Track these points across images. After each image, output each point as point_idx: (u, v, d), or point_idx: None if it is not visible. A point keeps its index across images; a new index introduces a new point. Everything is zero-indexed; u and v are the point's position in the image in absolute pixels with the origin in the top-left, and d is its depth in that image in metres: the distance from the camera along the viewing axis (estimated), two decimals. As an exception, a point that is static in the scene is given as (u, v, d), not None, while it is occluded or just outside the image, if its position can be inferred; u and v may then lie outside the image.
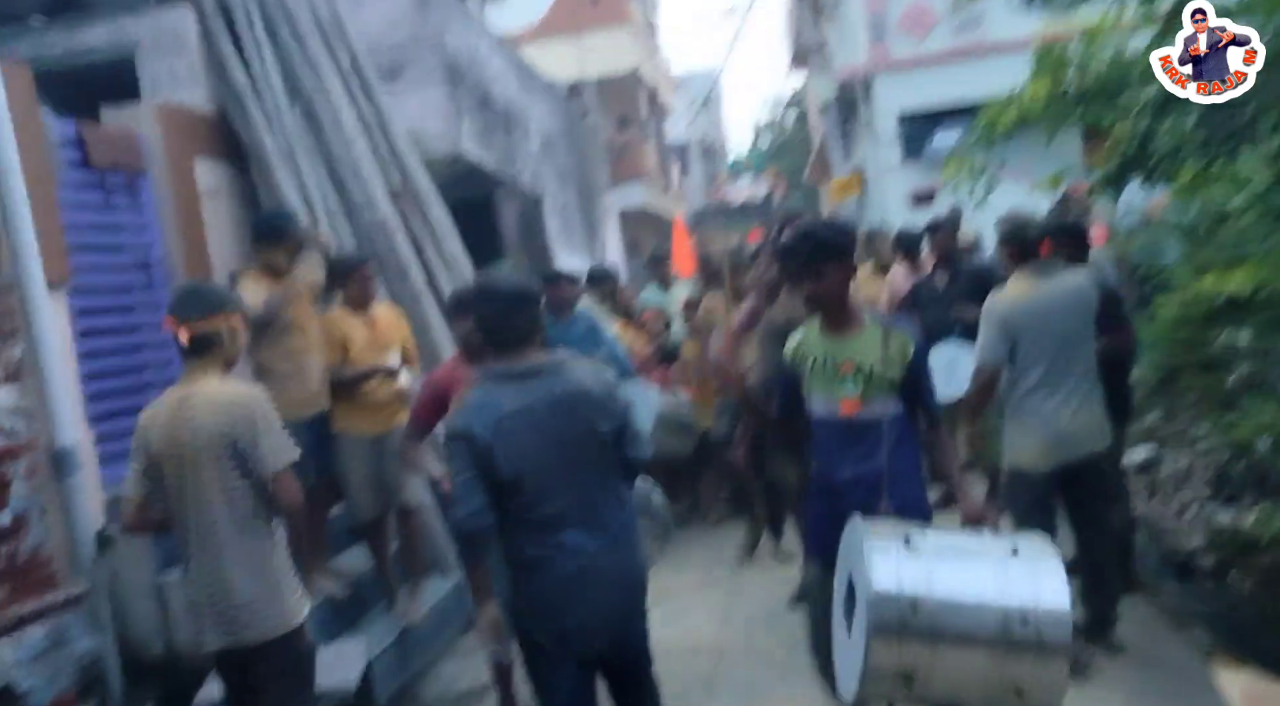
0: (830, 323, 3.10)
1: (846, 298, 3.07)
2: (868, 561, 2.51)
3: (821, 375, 3.09)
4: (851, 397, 3.04)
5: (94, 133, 4.78)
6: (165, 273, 5.11)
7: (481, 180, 9.24)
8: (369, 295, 4.73)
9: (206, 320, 3.01)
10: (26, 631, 3.71)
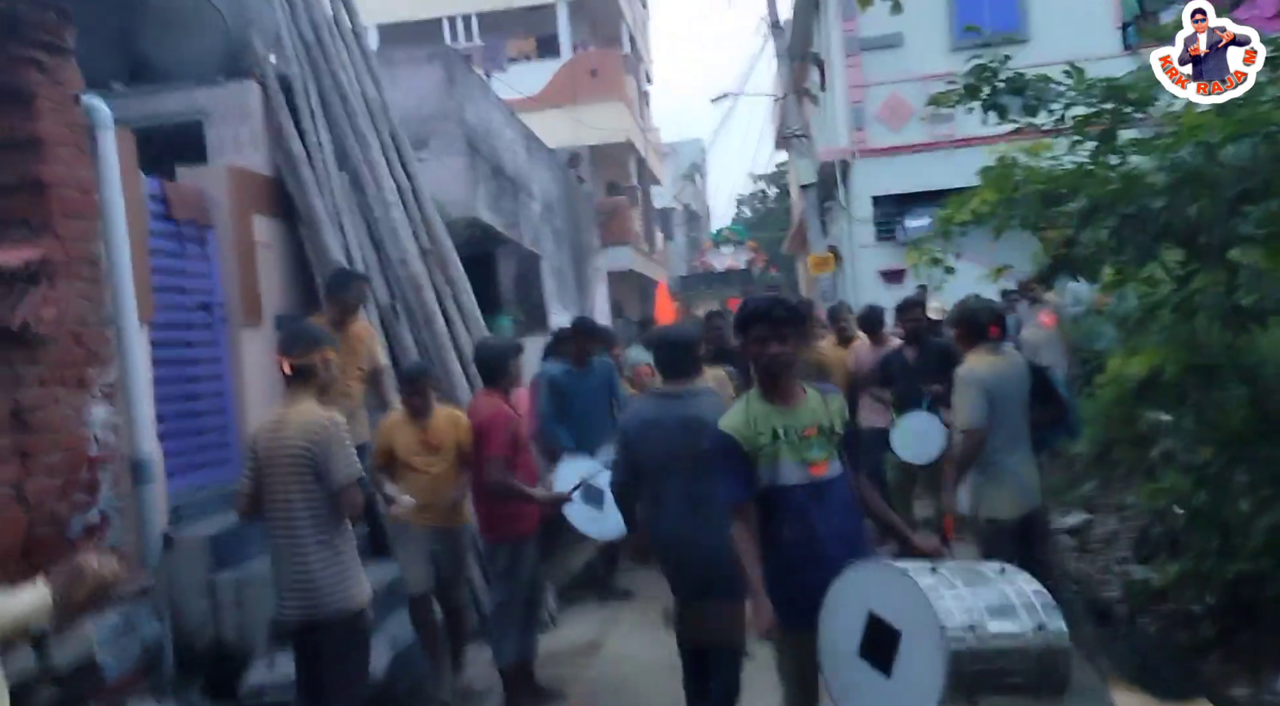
0: (778, 393, 3.20)
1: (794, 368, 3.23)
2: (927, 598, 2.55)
3: (788, 444, 3.14)
4: (819, 460, 3.16)
5: (174, 190, 5.49)
6: (223, 313, 5.79)
7: (486, 239, 9.99)
8: (426, 406, 4.88)
9: (306, 355, 3.69)
10: (105, 616, 4.31)
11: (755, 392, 3.24)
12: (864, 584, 2.78)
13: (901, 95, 15.61)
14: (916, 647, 2.57)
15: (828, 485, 3.17)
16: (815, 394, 3.26)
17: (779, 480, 3.15)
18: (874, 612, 2.69)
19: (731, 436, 3.17)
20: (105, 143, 4.59)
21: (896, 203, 15.46)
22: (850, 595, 2.79)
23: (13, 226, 4.23)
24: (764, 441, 3.15)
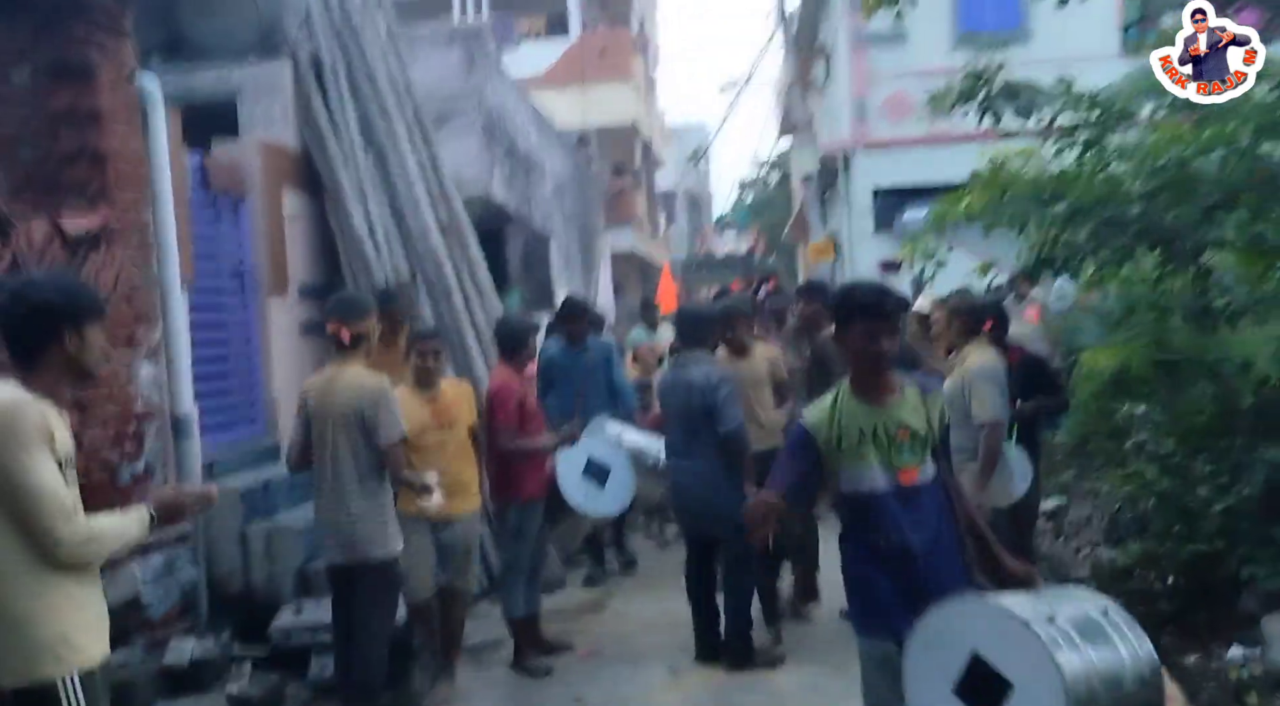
0: (872, 389, 2.94)
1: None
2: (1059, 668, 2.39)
3: (875, 445, 2.90)
4: (911, 466, 2.92)
5: (212, 163, 5.80)
6: (253, 280, 6.12)
7: (495, 216, 10.30)
8: (434, 374, 4.65)
9: (362, 322, 4.02)
10: (150, 557, 4.67)
11: (847, 387, 2.98)
12: (972, 621, 2.60)
13: (904, 90, 15.90)
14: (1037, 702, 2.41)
15: (918, 492, 2.93)
16: (914, 391, 2.99)
17: (865, 485, 2.91)
18: (980, 655, 2.53)
19: (807, 431, 2.96)
20: (156, 118, 4.90)
21: (896, 195, 15.75)
22: (953, 628, 2.61)
23: (72, 193, 4.56)
24: (849, 442, 2.90)
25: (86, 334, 2.34)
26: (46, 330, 2.29)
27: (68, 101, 4.53)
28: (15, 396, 2.24)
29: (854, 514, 2.98)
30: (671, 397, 4.95)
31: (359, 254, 6.43)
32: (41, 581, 2.22)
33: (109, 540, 2.32)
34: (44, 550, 2.21)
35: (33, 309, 2.29)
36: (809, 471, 2.98)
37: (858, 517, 2.97)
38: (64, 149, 4.56)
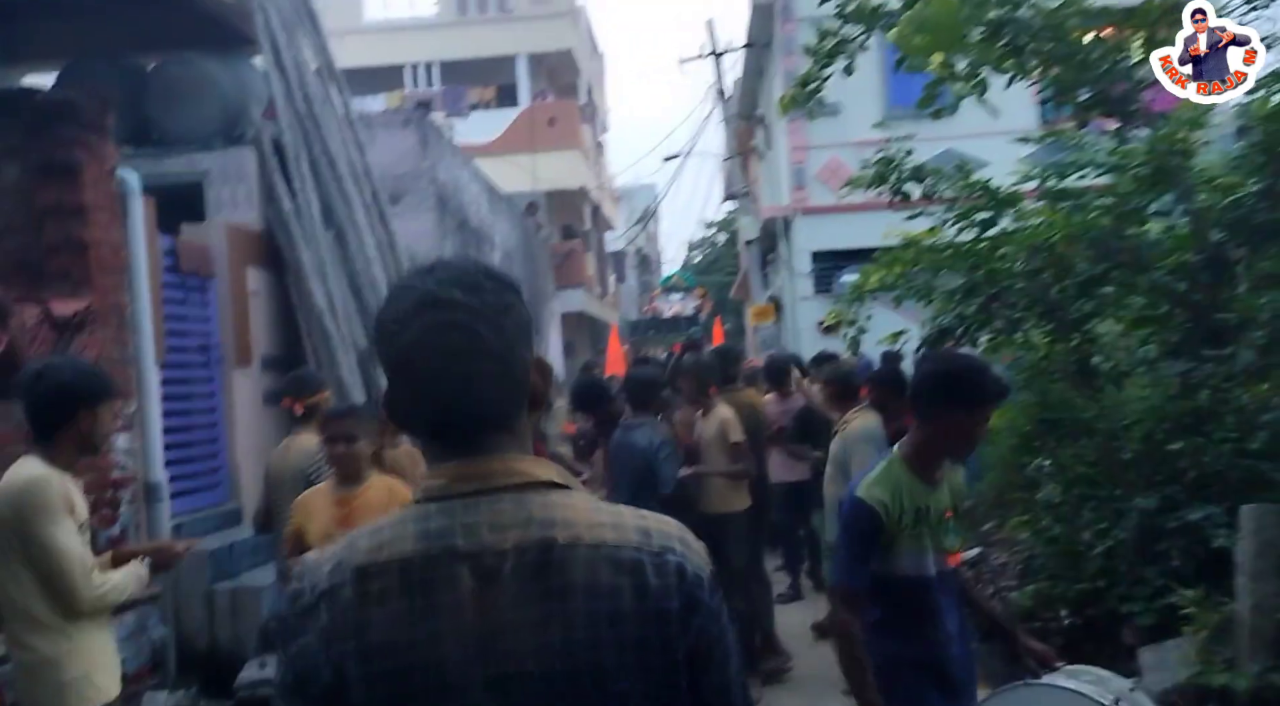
0: (933, 469, 2.72)
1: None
2: None
3: (928, 527, 2.68)
4: (956, 549, 2.78)
5: (182, 245, 6.23)
6: (218, 354, 6.52)
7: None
8: (351, 463, 3.70)
9: (313, 397, 4.46)
10: (123, 617, 5.00)
11: (899, 460, 2.72)
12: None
13: (840, 158, 16.76)
14: None
15: (954, 575, 2.79)
16: (953, 470, 2.83)
17: (918, 570, 2.67)
18: None
19: (874, 509, 2.63)
20: (134, 208, 5.34)
21: (835, 258, 16.54)
22: None
23: (57, 279, 4.96)
24: (908, 522, 2.65)
25: (99, 413, 2.77)
26: (65, 409, 2.72)
27: (54, 197, 4.96)
28: (41, 472, 2.66)
29: (901, 601, 2.67)
30: (617, 460, 5.24)
31: (319, 327, 6.86)
32: (66, 630, 2.63)
33: (118, 593, 2.74)
34: (69, 604, 2.62)
35: (54, 390, 2.72)
36: (875, 554, 2.65)
37: (905, 605, 2.67)
38: (50, 240, 4.97)
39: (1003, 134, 7.63)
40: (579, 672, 1.14)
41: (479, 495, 1.19)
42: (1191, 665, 4.32)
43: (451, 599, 1.14)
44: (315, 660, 1.15)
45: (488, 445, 1.22)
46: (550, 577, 1.15)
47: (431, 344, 1.20)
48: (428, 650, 1.13)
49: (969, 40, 4.85)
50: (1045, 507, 6.14)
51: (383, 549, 1.17)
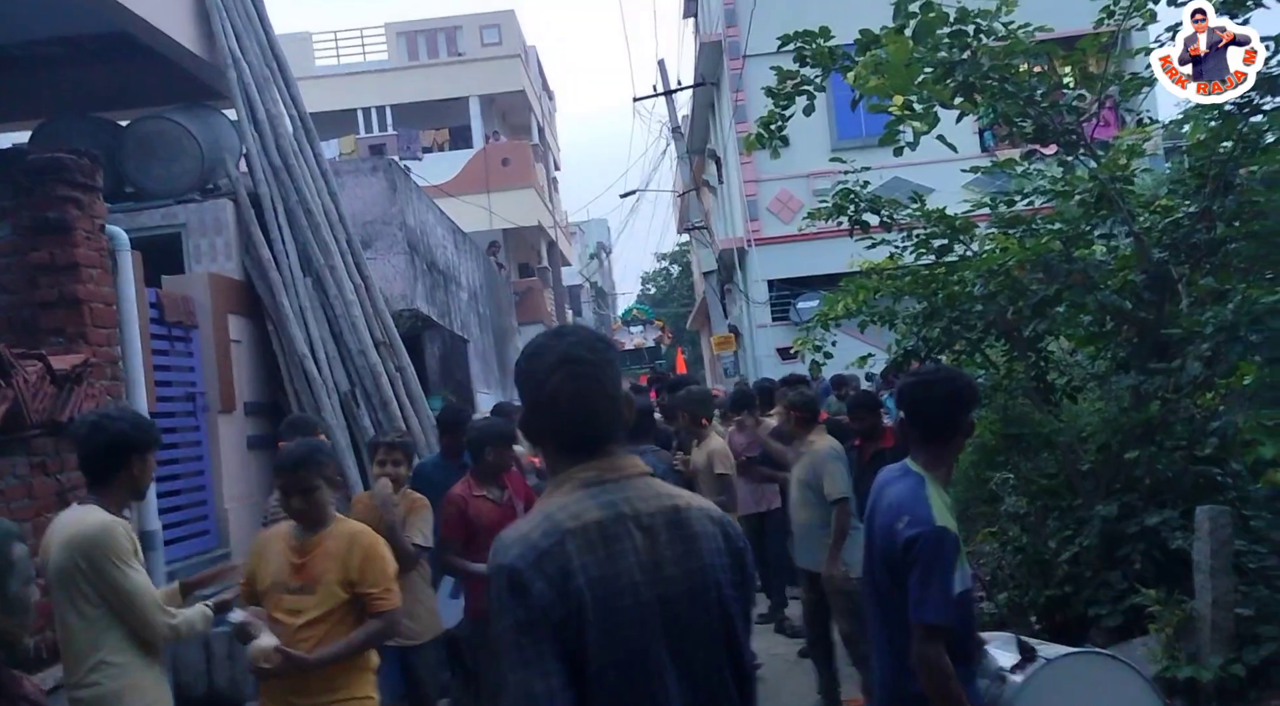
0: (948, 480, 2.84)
1: None
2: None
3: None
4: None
5: (167, 297, 6.35)
6: (203, 402, 6.62)
7: (418, 325, 10.91)
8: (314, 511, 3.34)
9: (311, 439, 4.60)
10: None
11: (932, 481, 2.72)
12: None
13: (790, 190, 17.22)
14: None
15: None
16: None
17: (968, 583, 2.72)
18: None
19: (957, 537, 2.65)
20: (124, 263, 5.47)
21: (790, 286, 16.94)
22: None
23: (51, 334, 5.07)
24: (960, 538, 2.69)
25: (148, 460, 2.95)
26: (120, 457, 2.90)
27: (48, 254, 5.07)
28: (106, 518, 2.83)
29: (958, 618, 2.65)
30: None
31: (301, 372, 6.99)
32: (133, 666, 2.79)
33: (189, 626, 2.93)
34: (147, 637, 2.80)
35: (110, 439, 2.89)
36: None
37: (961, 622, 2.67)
38: (43, 296, 5.08)
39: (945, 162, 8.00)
40: (707, 585, 1.78)
41: (621, 480, 1.80)
42: (1158, 661, 4.59)
43: (629, 545, 1.74)
44: (550, 597, 1.67)
45: (611, 451, 1.83)
46: (683, 527, 1.80)
47: (570, 388, 1.80)
48: (621, 579, 1.72)
49: (921, 81, 5.17)
50: (1010, 519, 6.43)
51: (579, 517, 1.74)
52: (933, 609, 2.57)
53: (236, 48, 7.51)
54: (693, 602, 1.76)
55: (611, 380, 1.85)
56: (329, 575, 3.26)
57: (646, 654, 1.72)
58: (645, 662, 1.71)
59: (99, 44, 7.57)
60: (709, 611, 1.78)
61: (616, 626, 1.70)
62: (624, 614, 1.71)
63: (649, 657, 1.72)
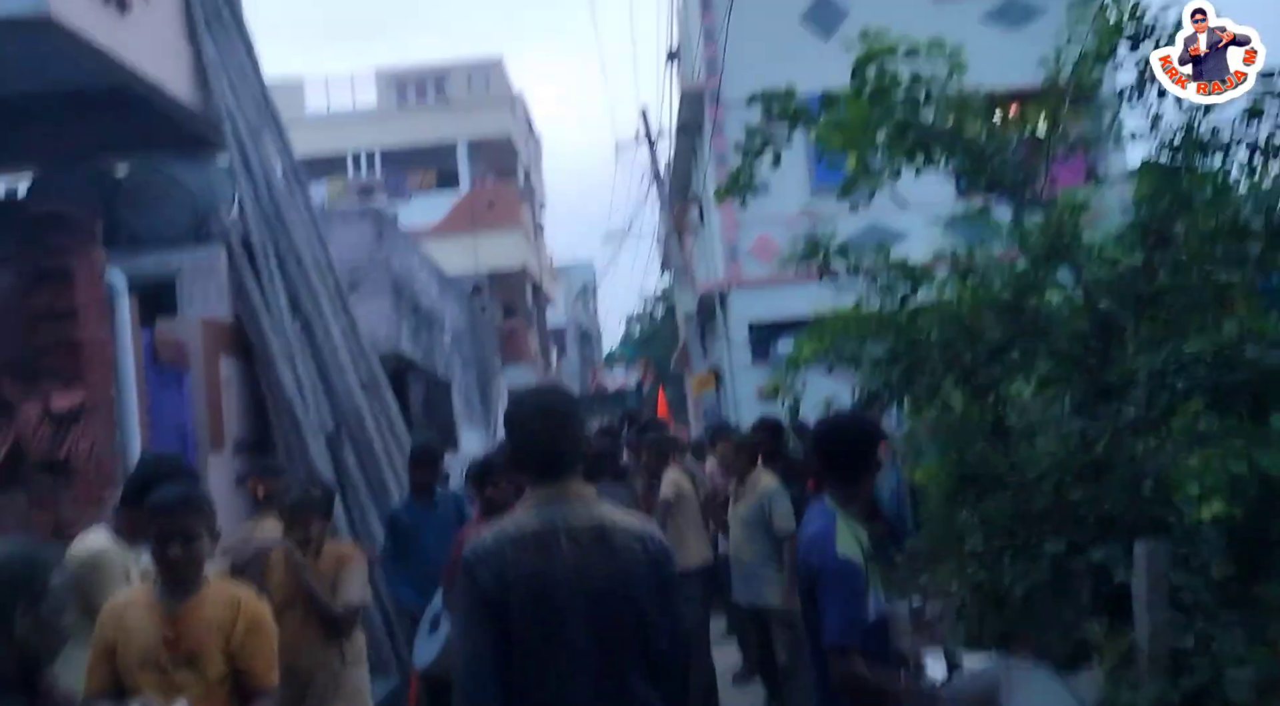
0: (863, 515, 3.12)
1: None
2: None
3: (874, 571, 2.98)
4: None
5: (160, 339, 6.59)
6: (194, 441, 6.84)
7: (401, 367, 11.16)
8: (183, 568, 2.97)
9: (276, 480, 4.85)
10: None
11: (845, 515, 3.02)
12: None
13: (770, 234, 17.62)
14: None
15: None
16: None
17: (882, 608, 2.99)
18: None
19: (860, 566, 2.93)
20: (121, 308, 5.73)
21: (770, 328, 17.28)
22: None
23: (49, 376, 5.31)
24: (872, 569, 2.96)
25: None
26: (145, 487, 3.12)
27: (47, 301, 5.33)
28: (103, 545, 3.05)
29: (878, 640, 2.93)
30: None
31: (289, 412, 7.23)
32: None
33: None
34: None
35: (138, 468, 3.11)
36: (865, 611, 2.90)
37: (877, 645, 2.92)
38: (42, 341, 5.33)
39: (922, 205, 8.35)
40: (621, 587, 2.36)
41: (564, 500, 2.44)
42: (1101, 689, 4.84)
43: (557, 551, 2.35)
44: (490, 584, 2.31)
45: (566, 479, 2.48)
46: (606, 541, 2.39)
47: (546, 430, 2.48)
48: (546, 575, 2.31)
49: (879, 140, 5.52)
50: (971, 557, 6.68)
51: (521, 527, 2.40)
52: (839, 632, 2.85)
53: (232, 100, 7.83)
54: (611, 597, 2.36)
55: (574, 426, 2.52)
56: (210, 647, 2.91)
57: (563, 632, 2.32)
58: (561, 638, 2.31)
59: (95, 96, 7.85)
60: (625, 605, 2.37)
61: (539, 609, 2.32)
62: (546, 601, 2.32)
63: (565, 634, 2.32)
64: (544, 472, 2.49)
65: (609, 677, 2.32)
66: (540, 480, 2.49)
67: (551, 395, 2.59)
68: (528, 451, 2.53)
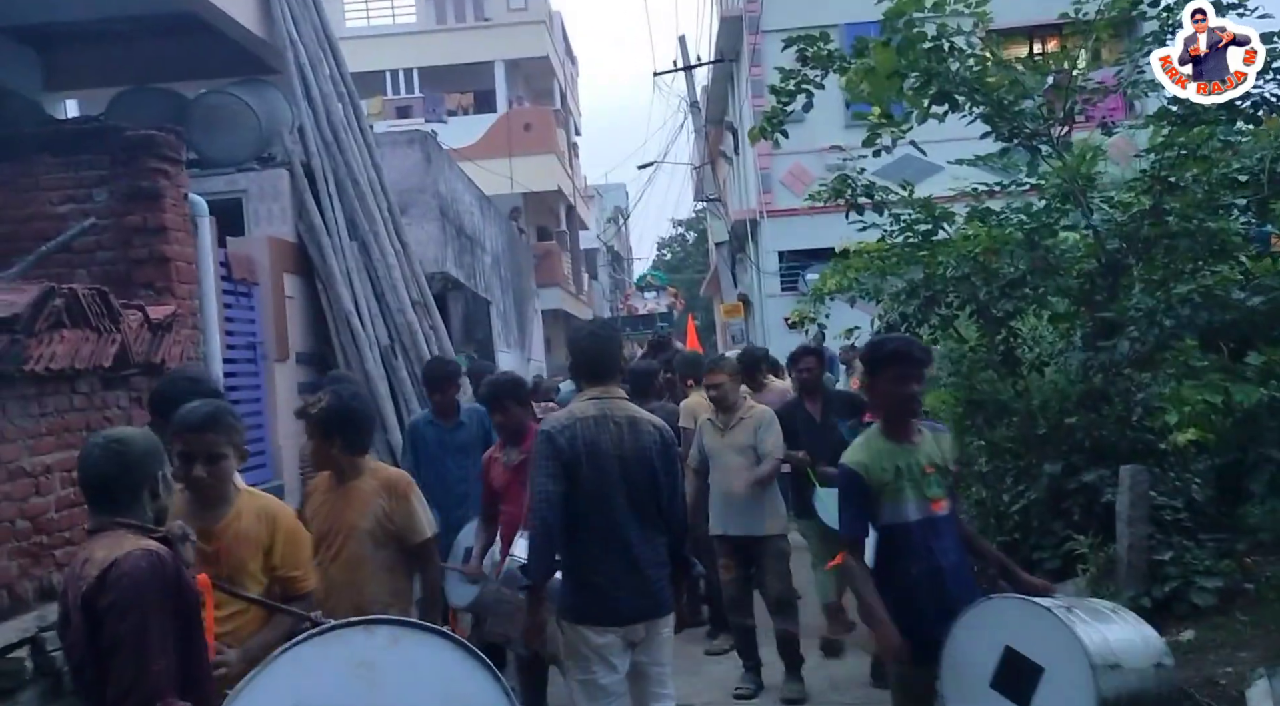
0: (901, 430, 3.32)
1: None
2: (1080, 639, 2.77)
3: (910, 481, 3.26)
4: (939, 496, 3.28)
5: (232, 256, 7.15)
6: (262, 352, 7.44)
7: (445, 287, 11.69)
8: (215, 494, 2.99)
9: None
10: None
11: (876, 430, 3.40)
12: (1001, 618, 3.01)
13: (803, 164, 17.85)
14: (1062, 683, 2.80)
15: (945, 521, 3.31)
16: (929, 433, 3.42)
17: (902, 516, 3.27)
18: (1012, 647, 2.89)
19: (857, 471, 3.31)
20: (203, 227, 6.26)
21: (800, 257, 17.64)
22: (984, 628, 3.01)
23: (141, 289, 5.88)
24: (888, 478, 3.26)
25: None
26: None
27: (140, 218, 5.86)
28: None
29: (891, 545, 3.30)
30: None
31: (347, 327, 7.80)
32: None
33: None
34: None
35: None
36: (869, 511, 3.31)
37: (896, 548, 3.29)
38: (136, 255, 5.88)
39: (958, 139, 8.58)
40: (644, 456, 3.60)
41: (609, 399, 3.67)
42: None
43: (607, 429, 3.59)
44: (564, 447, 3.51)
45: (608, 383, 3.71)
46: (635, 426, 3.64)
47: (596, 349, 3.73)
48: (601, 444, 3.56)
49: (905, 89, 5.88)
50: (975, 476, 7.21)
51: (585, 412, 3.60)
52: (846, 526, 3.41)
53: (293, 29, 8.24)
54: (638, 462, 3.58)
55: (615, 349, 3.83)
56: (250, 564, 2.95)
57: (611, 485, 3.54)
58: (610, 489, 3.54)
59: (166, 21, 8.29)
60: (646, 468, 3.60)
61: (595, 467, 3.52)
62: (600, 461, 3.53)
63: (612, 487, 3.54)
64: (594, 378, 3.68)
65: (636, 515, 3.57)
66: (592, 383, 3.68)
67: (601, 327, 4.01)
68: (584, 363, 3.73)
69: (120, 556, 2.32)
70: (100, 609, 2.30)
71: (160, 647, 2.28)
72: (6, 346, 4.24)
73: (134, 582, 2.29)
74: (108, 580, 2.30)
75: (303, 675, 2.41)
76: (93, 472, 2.49)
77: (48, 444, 4.58)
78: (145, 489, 2.51)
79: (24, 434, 4.43)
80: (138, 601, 2.28)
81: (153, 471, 2.53)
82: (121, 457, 2.48)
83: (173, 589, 2.35)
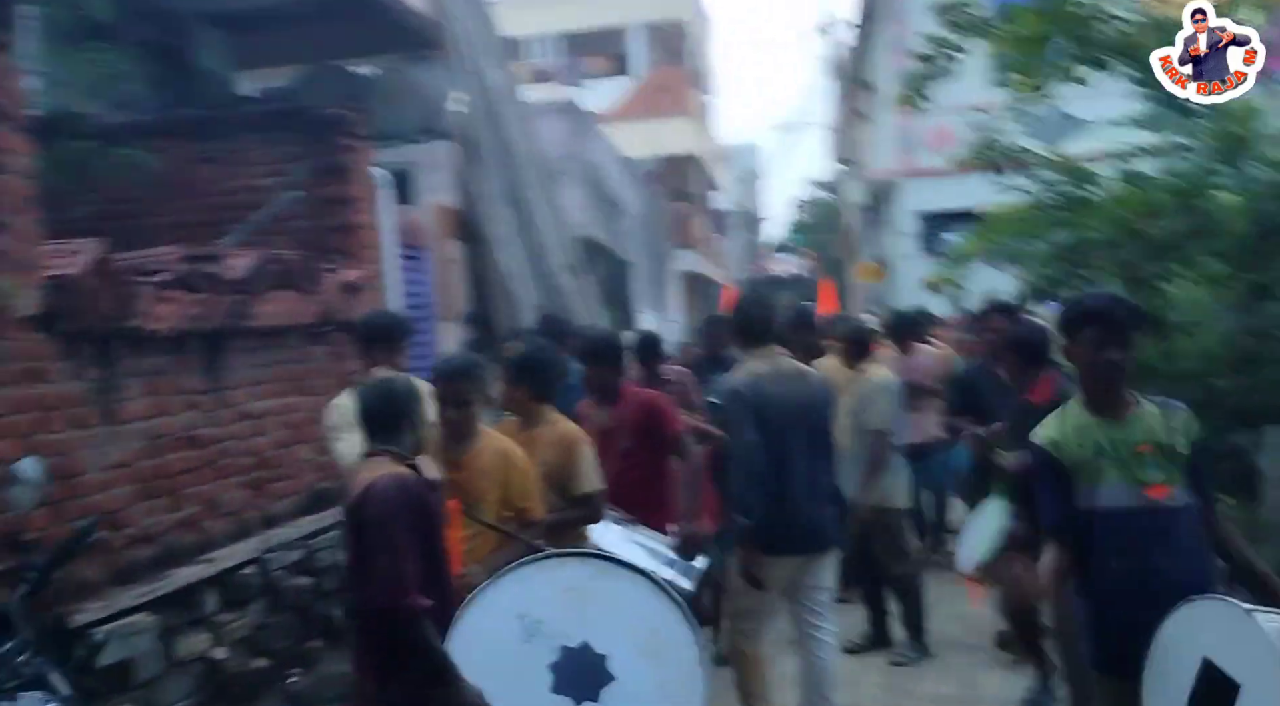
0: (1104, 404, 2.86)
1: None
2: (1273, 643, 2.33)
3: (1115, 461, 2.79)
4: (1157, 481, 2.78)
5: (407, 222, 7.77)
6: (432, 312, 8.07)
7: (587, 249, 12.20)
8: (463, 432, 3.51)
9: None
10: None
11: (1076, 402, 2.93)
12: (1200, 625, 2.56)
13: (947, 122, 17.55)
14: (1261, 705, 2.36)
15: (1169, 513, 2.78)
16: (1153, 408, 2.90)
17: (1100, 501, 2.80)
18: (1210, 660, 2.48)
19: (1046, 450, 2.88)
20: (384, 198, 6.85)
21: (940, 219, 17.41)
22: (1183, 637, 2.58)
23: (332, 254, 6.52)
24: (1086, 455, 2.81)
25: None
26: None
27: (332, 191, 6.48)
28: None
29: (1090, 535, 2.82)
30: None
31: (505, 289, 8.37)
32: None
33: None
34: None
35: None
36: (1067, 492, 2.84)
37: (1094, 538, 2.82)
38: (328, 224, 6.51)
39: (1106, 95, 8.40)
40: (815, 405, 4.21)
41: (775, 356, 4.22)
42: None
43: (784, 382, 4.14)
44: (751, 399, 4.04)
45: (771, 343, 4.23)
46: (804, 379, 4.25)
47: (763, 314, 4.29)
48: (782, 395, 4.09)
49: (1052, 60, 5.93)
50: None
51: (763, 369, 4.15)
52: (1044, 515, 2.93)
53: (455, 6, 8.77)
54: (810, 411, 4.13)
55: (775, 313, 4.32)
56: (489, 494, 3.43)
57: (793, 428, 4.05)
58: (791, 431, 4.05)
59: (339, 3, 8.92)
60: (817, 415, 4.17)
61: (778, 413, 4.02)
62: (782, 409, 4.03)
63: (793, 430, 4.06)
64: (762, 339, 4.20)
65: (812, 456, 4.12)
66: (759, 344, 4.19)
67: (763, 294, 4.85)
68: (751, 325, 4.23)
69: (376, 479, 2.82)
70: (360, 520, 2.81)
71: (405, 554, 2.77)
72: (237, 304, 4.89)
73: (384, 500, 2.79)
74: (366, 497, 2.80)
75: (524, 591, 2.94)
76: (366, 408, 3.02)
77: (267, 390, 5.25)
78: (405, 422, 3.00)
79: (249, 381, 5.09)
80: (387, 516, 2.78)
81: (410, 409, 3.03)
82: (385, 396, 3.00)
83: (416, 507, 2.84)
